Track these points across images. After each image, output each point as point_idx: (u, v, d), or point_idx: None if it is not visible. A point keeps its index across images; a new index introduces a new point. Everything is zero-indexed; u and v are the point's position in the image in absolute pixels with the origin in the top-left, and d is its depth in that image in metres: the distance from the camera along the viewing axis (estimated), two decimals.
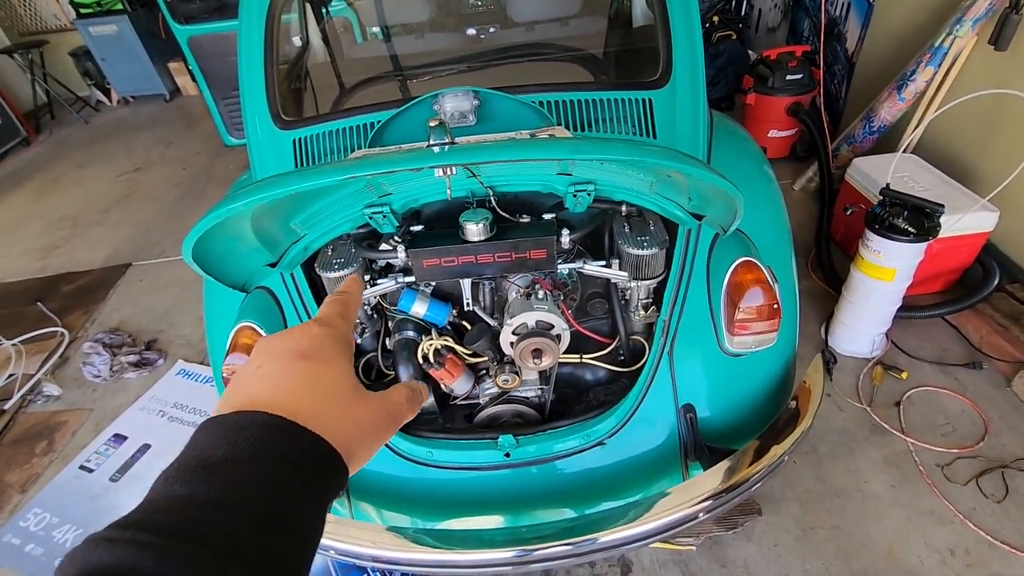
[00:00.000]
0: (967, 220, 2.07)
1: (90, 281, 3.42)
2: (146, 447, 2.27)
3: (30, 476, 2.25)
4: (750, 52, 4.23)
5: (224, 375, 1.36)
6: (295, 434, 0.35)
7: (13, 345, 2.85)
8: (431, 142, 0.84)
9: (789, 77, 3.29)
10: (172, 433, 2.30)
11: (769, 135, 3.49)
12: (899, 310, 2.15)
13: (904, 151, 2.53)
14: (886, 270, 1.97)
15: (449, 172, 0.98)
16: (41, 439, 2.40)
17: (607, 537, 1.18)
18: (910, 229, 1.88)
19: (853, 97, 3.40)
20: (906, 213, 1.91)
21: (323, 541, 1.22)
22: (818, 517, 1.76)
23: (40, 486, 2.19)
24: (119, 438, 2.33)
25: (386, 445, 1.39)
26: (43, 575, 1.87)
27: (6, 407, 2.55)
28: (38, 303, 3.23)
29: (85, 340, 2.84)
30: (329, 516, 1.27)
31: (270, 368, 0.38)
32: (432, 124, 0.84)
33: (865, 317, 2.15)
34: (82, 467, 2.24)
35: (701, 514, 1.20)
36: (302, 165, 1.57)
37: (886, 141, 2.96)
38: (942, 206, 1.88)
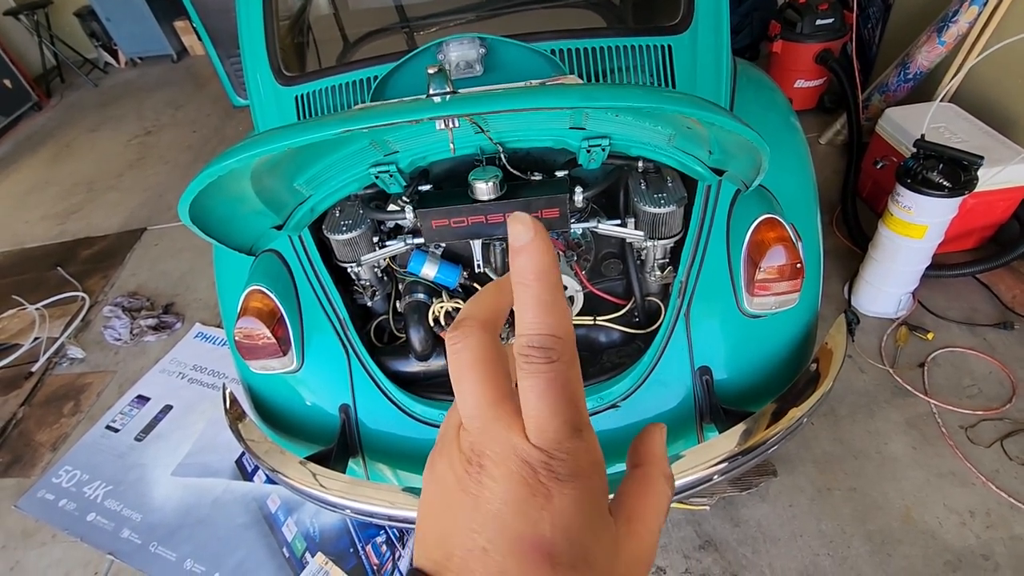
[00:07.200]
0: (1007, 173, 1.95)
1: (107, 246, 3.46)
2: (168, 408, 2.32)
3: (59, 435, 2.32)
4: None
5: (236, 338, 1.35)
6: None
7: (37, 309, 2.92)
8: (431, 92, 0.79)
9: (819, 22, 3.09)
10: (192, 395, 2.35)
11: (796, 85, 3.31)
12: (928, 269, 2.06)
13: (942, 100, 2.38)
14: (916, 227, 1.88)
15: (451, 125, 0.92)
16: (68, 400, 2.47)
17: None
18: (945, 183, 1.78)
19: (888, 42, 3.19)
20: (941, 166, 1.80)
21: (340, 500, 1.25)
22: (835, 478, 1.75)
23: (69, 445, 2.27)
24: (142, 399, 2.39)
25: (399, 408, 1.39)
26: (76, 528, 1.96)
27: (33, 369, 2.62)
28: (58, 268, 3.27)
29: (105, 304, 2.89)
30: (345, 476, 1.30)
31: (499, 562, 0.25)
32: (431, 71, 0.78)
33: (892, 276, 2.07)
34: (108, 427, 2.30)
35: (715, 476, 1.18)
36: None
37: (922, 90, 2.78)
38: (981, 158, 1.77)
